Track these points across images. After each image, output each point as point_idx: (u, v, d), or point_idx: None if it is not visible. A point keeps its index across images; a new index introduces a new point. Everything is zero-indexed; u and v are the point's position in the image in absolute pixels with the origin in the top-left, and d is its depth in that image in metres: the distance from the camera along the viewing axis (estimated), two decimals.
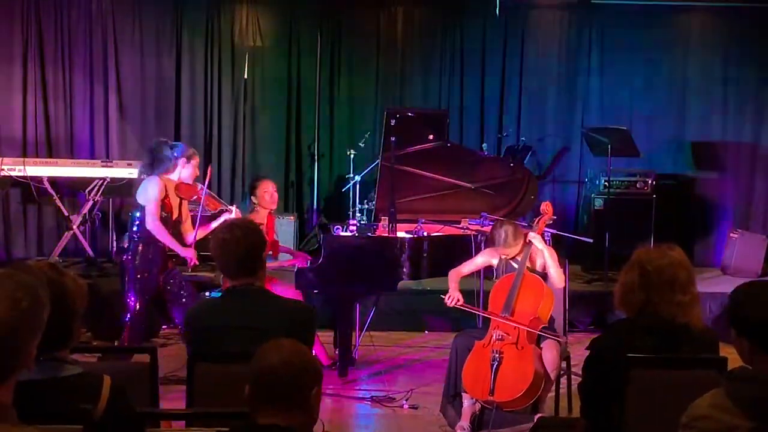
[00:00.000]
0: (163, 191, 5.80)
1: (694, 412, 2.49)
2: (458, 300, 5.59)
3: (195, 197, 6.02)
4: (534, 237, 5.49)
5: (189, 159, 5.92)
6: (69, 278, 2.62)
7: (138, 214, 5.87)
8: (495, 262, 5.68)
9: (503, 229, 5.49)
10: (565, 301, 5.73)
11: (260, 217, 6.38)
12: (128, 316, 5.82)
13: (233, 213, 6.00)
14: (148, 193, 5.80)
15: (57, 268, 2.66)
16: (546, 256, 5.49)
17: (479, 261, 5.82)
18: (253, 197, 6.53)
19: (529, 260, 5.49)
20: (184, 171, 5.92)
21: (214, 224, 5.99)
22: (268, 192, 6.54)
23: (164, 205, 5.83)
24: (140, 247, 5.83)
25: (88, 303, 2.69)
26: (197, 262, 6.09)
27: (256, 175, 6.88)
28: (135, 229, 5.88)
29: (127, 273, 5.85)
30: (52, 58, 9.55)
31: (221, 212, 6.09)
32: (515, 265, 5.48)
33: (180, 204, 6.02)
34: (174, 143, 6.04)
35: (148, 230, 5.78)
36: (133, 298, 5.81)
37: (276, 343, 2.49)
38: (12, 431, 1.89)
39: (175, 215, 5.95)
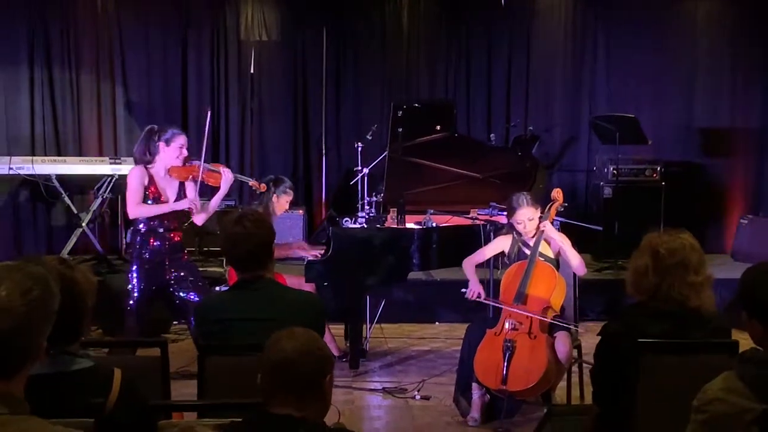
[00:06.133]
0: (143, 179, 5.71)
1: (706, 396, 2.49)
2: (479, 294, 5.56)
3: (192, 177, 5.86)
4: (547, 226, 5.47)
5: (168, 142, 5.76)
6: (79, 272, 2.62)
7: None
8: (507, 248, 5.66)
9: (522, 194, 5.51)
10: (575, 290, 5.72)
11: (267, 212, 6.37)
12: (130, 303, 5.80)
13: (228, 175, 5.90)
14: (128, 185, 5.76)
15: (67, 262, 2.67)
16: (563, 245, 5.48)
17: (492, 247, 5.79)
18: (275, 195, 6.46)
19: (542, 247, 5.47)
20: (165, 155, 5.76)
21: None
22: (287, 203, 6.58)
23: (149, 192, 5.74)
24: (141, 239, 5.79)
25: (98, 300, 2.70)
26: (197, 205, 5.89)
27: (290, 182, 6.69)
28: (135, 222, 5.86)
29: (133, 263, 5.84)
30: (58, 55, 9.57)
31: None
32: (527, 252, 5.47)
33: (180, 188, 5.89)
34: (162, 128, 5.89)
35: (145, 222, 5.76)
36: (135, 288, 5.78)
37: (289, 332, 2.48)
38: (26, 424, 1.89)
39: (167, 200, 5.81)
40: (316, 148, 10.06)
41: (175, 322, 7.48)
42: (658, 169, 9.38)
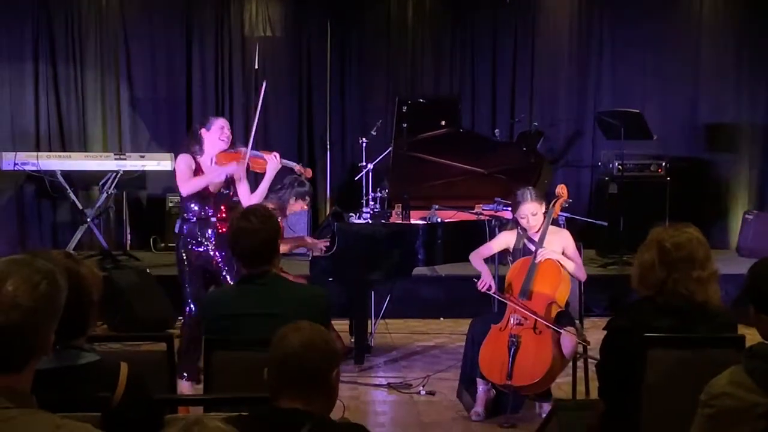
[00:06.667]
0: (189, 165, 5.75)
1: (713, 390, 2.48)
2: (491, 287, 5.52)
3: (238, 163, 5.88)
4: (544, 255, 5.40)
5: (208, 127, 5.82)
6: (85, 267, 2.63)
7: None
8: (512, 243, 5.65)
9: (526, 189, 5.49)
10: (580, 285, 5.70)
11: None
12: (185, 311, 5.80)
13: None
14: (176, 172, 5.80)
15: (73, 256, 2.67)
16: (567, 252, 5.46)
17: (498, 242, 5.78)
18: (291, 198, 6.45)
19: (547, 243, 5.45)
20: (209, 139, 5.82)
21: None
22: (301, 209, 6.60)
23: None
24: (189, 228, 5.79)
25: (103, 295, 2.69)
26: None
27: (311, 191, 6.71)
28: (183, 211, 5.89)
29: (181, 263, 5.80)
30: (63, 51, 9.58)
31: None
32: (532, 248, 5.46)
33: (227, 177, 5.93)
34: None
35: (192, 210, 5.77)
36: (190, 297, 5.75)
37: (296, 326, 2.48)
38: (33, 418, 1.89)
39: (214, 188, 5.83)
40: (321, 144, 10.05)
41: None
42: (663, 164, 9.38)
